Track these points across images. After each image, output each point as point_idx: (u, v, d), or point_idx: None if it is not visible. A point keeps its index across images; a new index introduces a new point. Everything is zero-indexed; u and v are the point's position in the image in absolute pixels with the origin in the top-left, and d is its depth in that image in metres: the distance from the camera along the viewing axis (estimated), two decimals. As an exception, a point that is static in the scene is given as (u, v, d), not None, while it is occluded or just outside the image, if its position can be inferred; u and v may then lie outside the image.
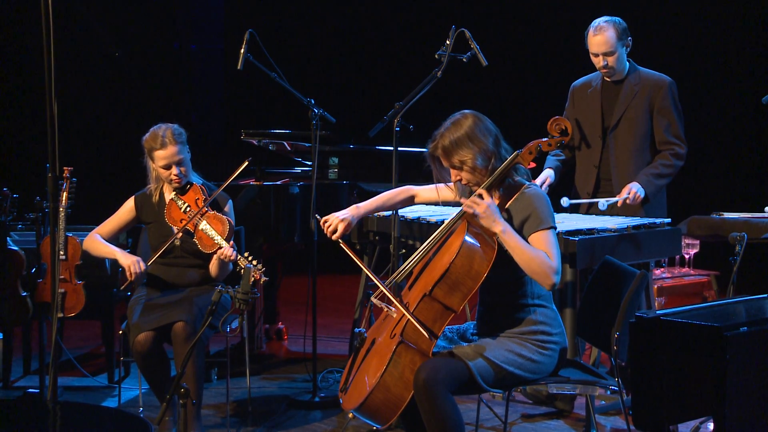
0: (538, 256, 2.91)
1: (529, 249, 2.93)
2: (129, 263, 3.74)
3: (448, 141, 3.02)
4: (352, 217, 3.31)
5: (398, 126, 3.85)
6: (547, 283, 2.93)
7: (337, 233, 3.27)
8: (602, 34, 4.16)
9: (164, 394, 3.68)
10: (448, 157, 3.04)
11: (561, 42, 7.07)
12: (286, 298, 5.90)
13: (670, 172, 4.21)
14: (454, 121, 3.06)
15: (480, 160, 3.01)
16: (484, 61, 3.88)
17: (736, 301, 2.94)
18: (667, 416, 2.65)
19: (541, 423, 4.03)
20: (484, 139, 3.02)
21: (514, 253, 2.94)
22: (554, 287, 2.95)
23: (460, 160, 3.02)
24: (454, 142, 3.01)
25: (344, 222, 3.28)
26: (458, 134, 3.01)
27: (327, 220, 3.30)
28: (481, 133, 3.02)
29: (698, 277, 4.89)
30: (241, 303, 3.03)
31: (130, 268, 3.73)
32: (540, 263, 2.91)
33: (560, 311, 3.37)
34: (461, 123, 3.04)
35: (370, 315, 3.64)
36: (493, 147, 3.03)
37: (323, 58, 8.27)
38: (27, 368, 4.82)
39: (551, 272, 2.91)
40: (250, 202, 4.79)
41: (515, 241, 2.93)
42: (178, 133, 3.84)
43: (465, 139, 3.00)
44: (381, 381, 2.90)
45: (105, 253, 3.89)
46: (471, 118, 3.05)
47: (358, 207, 3.35)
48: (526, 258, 2.92)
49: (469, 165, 3.02)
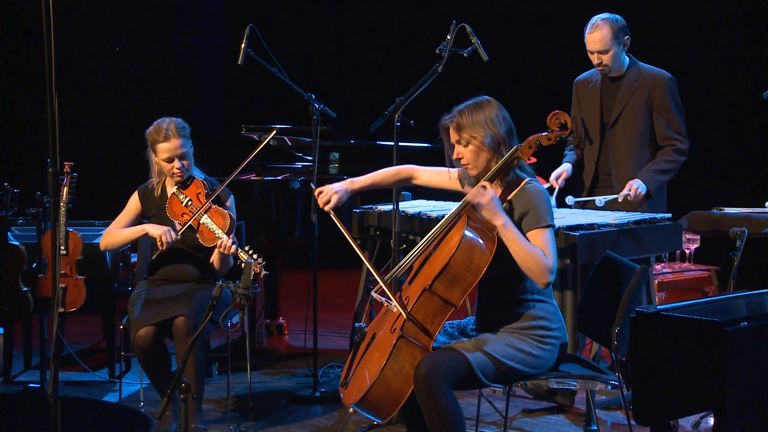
0: (535, 254, 2.92)
1: (527, 246, 2.93)
2: (160, 233, 3.72)
3: (465, 118, 3.05)
4: (345, 191, 3.32)
5: (399, 121, 3.85)
6: (541, 281, 2.94)
7: (330, 204, 3.28)
8: (597, 32, 4.16)
9: (165, 388, 3.68)
10: (459, 131, 3.06)
11: (562, 37, 7.06)
12: (286, 293, 5.90)
13: (672, 167, 4.21)
14: (477, 102, 3.09)
15: (489, 140, 3.03)
16: (484, 56, 3.89)
17: (736, 296, 2.94)
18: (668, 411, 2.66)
19: (542, 418, 4.03)
20: (499, 125, 3.05)
21: (511, 248, 2.94)
22: (548, 286, 2.97)
23: (470, 135, 3.04)
24: (471, 120, 3.04)
25: (338, 195, 3.30)
26: (477, 114, 3.05)
27: (322, 191, 3.32)
28: (498, 119, 3.06)
29: (699, 272, 4.87)
30: (241, 298, 3.03)
31: (162, 237, 3.71)
32: (536, 261, 2.91)
33: (561, 306, 3.38)
34: (483, 105, 3.08)
35: (371, 310, 3.64)
36: (504, 135, 3.05)
37: (324, 53, 8.26)
38: (28, 363, 4.83)
39: (546, 271, 2.91)
40: (252, 197, 4.78)
41: (514, 236, 2.94)
42: (181, 126, 3.83)
43: (482, 120, 3.04)
44: (381, 376, 2.90)
45: (129, 235, 3.86)
46: (493, 103, 3.10)
47: (353, 181, 3.36)
48: (523, 254, 2.92)
49: (476, 143, 3.03)
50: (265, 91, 7.66)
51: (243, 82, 8.00)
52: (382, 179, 3.40)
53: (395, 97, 3.89)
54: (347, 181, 3.35)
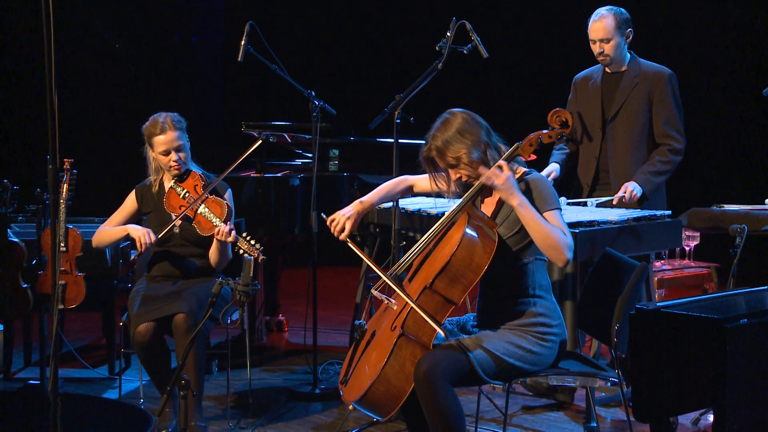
0: (555, 231, 2.92)
1: (546, 223, 2.93)
2: (139, 234, 3.74)
3: (441, 141, 3.03)
4: (357, 214, 3.27)
5: (399, 118, 3.84)
6: (561, 258, 2.93)
7: (345, 232, 3.22)
8: (601, 21, 4.18)
9: (165, 385, 3.69)
10: (442, 157, 3.05)
11: (563, 34, 7.05)
12: (286, 290, 5.89)
13: (667, 168, 4.20)
14: (443, 120, 3.07)
15: (475, 153, 3.02)
16: (484, 53, 3.89)
17: (736, 293, 2.94)
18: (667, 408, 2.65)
19: (542, 415, 4.03)
20: (475, 132, 3.03)
21: (529, 227, 2.94)
22: (568, 263, 2.95)
23: (454, 156, 3.02)
24: (447, 141, 3.02)
25: (351, 219, 3.24)
26: (449, 132, 3.02)
27: (334, 218, 3.25)
28: (471, 127, 3.04)
29: (698, 269, 4.88)
30: (241, 295, 3.02)
31: (141, 239, 3.73)
32: (556, 238, 2.91)
33: (560, 303, 3.38)
34: (450, 121, 3.05)
35: (371, 307, 3.63)
36: (485, 137, 3.05)
37: (324, 50, 8.24)
38: (28, 360, 4.83)
39: (566, 248, 2.91)
40: (252, 194, 4.77)
41: (532, 215, 2.93)
42: (177, 119, 3.85)
43: (456, 135, 3.01)
44: (382, 373, 2.89)
45: (115, 234, 3.88)
46: (459, 115, 3.06)
47: (362, 202, 3.31)
48: (542, 232, 2.92)
49: (465, 160, 3.02)
50: (265, 88, 7.65)
51: (243, 79, 7.99)
52: (387, 193, 3.38)
53: (395, 94, 3.88)
54: (356, 204, 3.30)
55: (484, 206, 3.17)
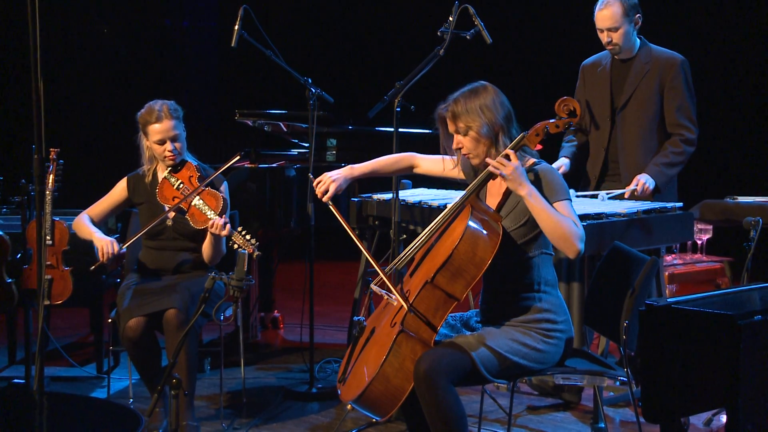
0: (566, 221, 2.91)
1: (556, 214, 2.92)
2: (102, 244, 3.72)
3: (461, 107, 3.03)
4: (344, 179, 3.29)
5: (399, 106, 3.82)
6: (572, 250, 2.90)
7: (328, 194, 3.24)
8: (608, 9, 4.14)
9: (155, 384, 3.66)
10: (455, 120, 3.05)
11: (569, 19, 6.98)
12: (282, 285, 5.88)
13: (681, 159, 4.17)
14: (473, 89, 3.07)
15: (485, 130, 3.01)
16: (488, 38, 3.87)
17: (750, 289, 2.91)
18: (678, 408, 2.64)
19: (547, 415, 4.01)
20: (496, 112, 3.03)
21: (539, 218, 2.92)
22: (579, 255, 2.93)
23: (467, 125, 3.02)
24: (466, 109, 3.02)
25: (336, 183, 3.26)
26: (472, 102, 3.03)
27: (321, 180, 3.29)
28: (495, 105, 3.03)
29: (711, 263, 4.87)
30: (235, 290, 3.01)
31: (102, 248, 3.70)
32: (566, 228, 2.89)
33: (567, 299, 3.41)
34: (478, 92, 3.05)
35: (370, 303, 3.60)
36: (502, 122, 3.03)
37: (321, 36, 8.23)
38: (12, 358, 4.79)
39: (578, 238, 2.89)
40: (242, 185, 4.72)
41: (542, 205, 2.92)
42: (174, 108, 3.84)
43: (477, 108, 3.02)
44: (381, 371, 2.88)
45: (85, 234, 3.87)
46: (490, 89, 3.07)
47: (353, 168, 3.33)
48: (552, 222, 2.90)
49: (474, 132, 3.02)
50: (260, 75, 7.64)
51: (237, 65, 7.97)
52: (383, 167, 3.38)
53: (395, 82, 3.85)
54: (347, 168, 3.33)
55: (489, 197, 3.15)
